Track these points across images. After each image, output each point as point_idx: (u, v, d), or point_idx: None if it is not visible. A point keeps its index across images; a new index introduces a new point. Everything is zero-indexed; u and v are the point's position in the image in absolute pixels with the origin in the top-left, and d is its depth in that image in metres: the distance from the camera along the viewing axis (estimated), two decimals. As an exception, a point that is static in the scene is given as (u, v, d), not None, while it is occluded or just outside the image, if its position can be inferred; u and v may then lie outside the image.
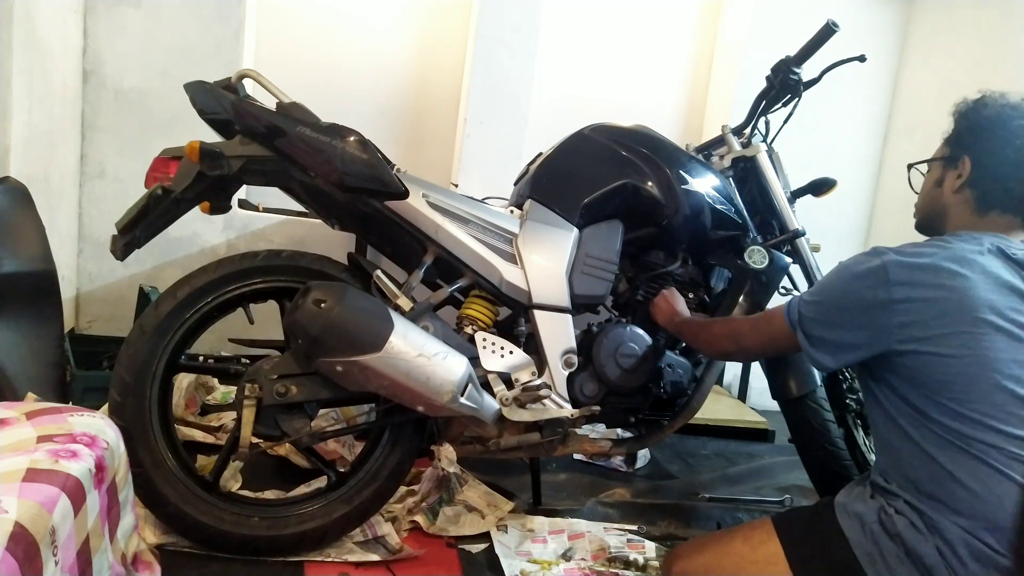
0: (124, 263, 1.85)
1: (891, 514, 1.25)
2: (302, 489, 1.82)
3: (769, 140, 2.11)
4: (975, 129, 1.38)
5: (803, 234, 2.00)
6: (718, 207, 1.86)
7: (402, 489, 1.84)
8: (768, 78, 2.04)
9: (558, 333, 1.75)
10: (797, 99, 2.04)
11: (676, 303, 1.82)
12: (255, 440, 1.57)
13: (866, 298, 1.28)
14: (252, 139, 1.59)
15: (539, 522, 1.88)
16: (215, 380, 2.29)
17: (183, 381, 2.12)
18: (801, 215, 2.02)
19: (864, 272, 1.29)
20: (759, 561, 1.35)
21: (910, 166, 1.58)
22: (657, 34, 3.13)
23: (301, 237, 2.65)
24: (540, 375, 1.73)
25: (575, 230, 1.80)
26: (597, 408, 1.76)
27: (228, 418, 2.10)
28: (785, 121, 2.09)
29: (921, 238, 1.44)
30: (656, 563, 1.75)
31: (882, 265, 1.27)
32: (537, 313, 1.74)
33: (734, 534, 1.43)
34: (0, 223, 1.74)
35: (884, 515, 1.25)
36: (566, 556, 1.77)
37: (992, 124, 1.36)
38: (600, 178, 1.81)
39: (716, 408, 2.92)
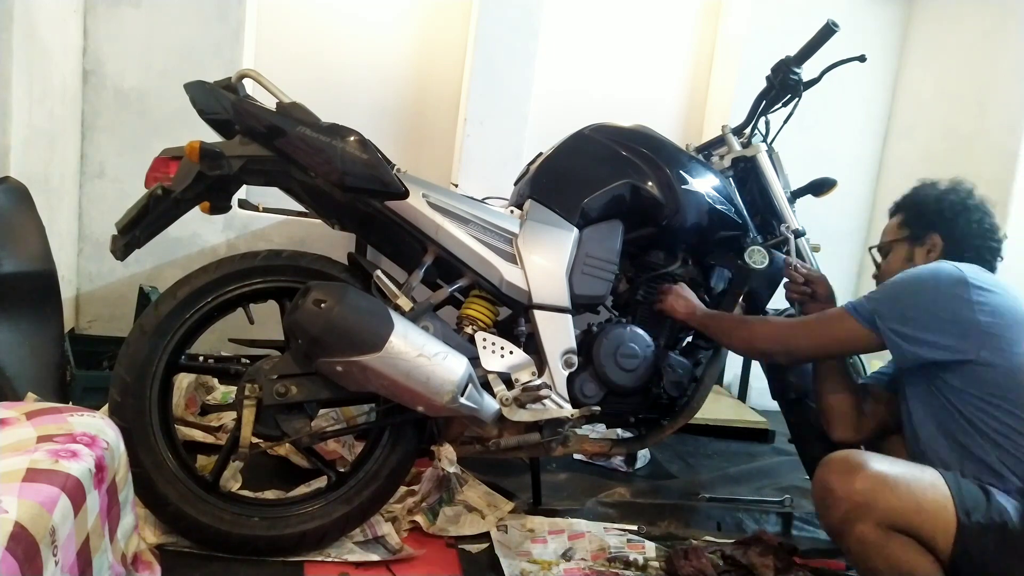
0: (124, 263, 1.85)
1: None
2: (302, 489, 1.82)
3: (769, 140, 2.11)
4: (939, 210, 1.62)
5: (803, 234, 2.00)
6: (718, 207, 1.86)
7: (402, 489, 1.84)
8: (768, 78, 2.04)
9: (558, 333, 1.75)
10: (797, 99, 2.04)
11: (691, 296, 1.85)
12: (255, 440, 1.57)
13: (945, 294, 1.43)
14: (252, 139, 1.59)
15: (539, 522, 1.88)
16: (215, 380, 2.28)
17: (183, 381, 2.12)
18: (801, 215, 2.02)
19: (943, 274, 1.45)
20: (933, 491, 1.34)
21: (871, 249, 1.80)
22: (657, 33, 3.13)
23: (301, 237, 2.65)
24: (540, 375, 1.73)
25: (575, 230, 1.80)
26: (597, 408, 1.76)
27: (228, 418, 2.10)
28: (785, 121, 2.09)
29: None
30: (656, 563, 1.75)
31: (957, 268, 1.45)
32: (537, 313, 1.74)
33: (905, 463, 1.40)
34: (0, 223, 1.74)
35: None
36: (566, 556, 1.77)
37: (953, 205, 1.61)
38: (600, 178, 1.81)
39: (716, 408, 2.92)
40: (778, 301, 2.00)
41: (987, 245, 1.59)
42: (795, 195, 2.11)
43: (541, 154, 1.96)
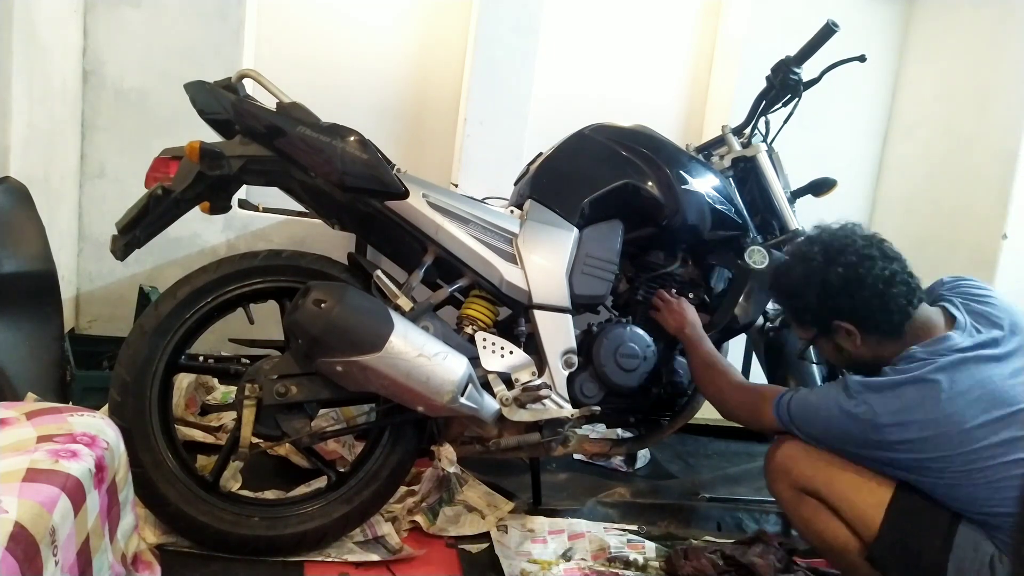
0: (124, 263, 1.84)
1: (1004, 560, 1.32)
2: (302, 489, 1.82)
3: (769, 140, 2.11)
4: (826, 296, 1.47)
5: (803, 234, 2.00)
6: (718, 207, 1.86)
7: (402, 489, 1.84)
8: (768, 78, 2.04)
9: (558, 333, 1.75)
10: (797, 99, 2.04)
11: (688, 313, 1.83)
12: (255, 440, 1.57)
13: (857, 440, 1.40)
14: (252, 139, 1.59)
15: (539, 522, 1.88)
16: (215, 380, 2.28)
17: (183, 381, 2.11)
18: (801, 215, 2.02)
19: (852, 419, 1.39)
20: (870, 481, 1.42)
21: (805, 348, 1.71)
22: (657, 33, 3.13)
23: (301, 237, 2.64)
24: (540, 375, 1.73)
25: (575, 230, 1.80)
26: (597, 408, 1.76)
27: (228, 418, 2.10)
28: (785, 121, 2.09)
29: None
30: (656, 563, 1.75)
31: (871, 410, 1.37)
32: (537, 313, 1.74)
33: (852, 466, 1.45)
34: (0, 223, 1.74)
35: (997, 558, 1.32)
36: (566, 556, 1.77)
37: (834, 288, 1.45)
38: (600, 178, 1.81)
39: (716, 408, 2.91)
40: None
41: (894, 304, 1.42)
42: (795, 195, 2.11)
43: (541, 154, 1.96)
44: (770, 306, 2.02)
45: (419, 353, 1.51)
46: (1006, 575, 1.30)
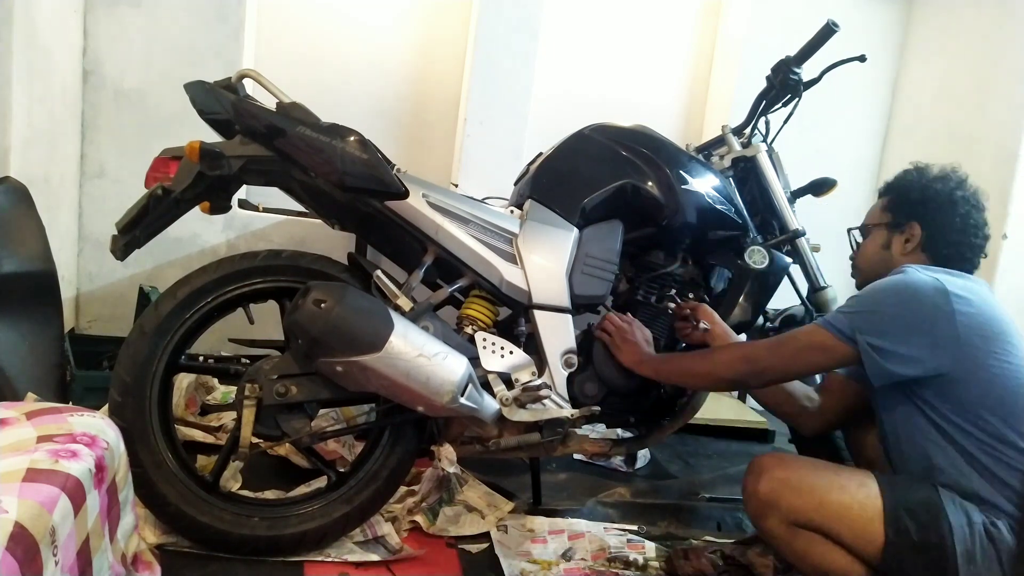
0: (124, 263, 1.84)
1: (998, 524, 1.31)
2: (302, 489, 1.82)
3: (769, 140, 2.11)
4: (923, 200, 1.59)
5: (803, 234, 2.00)
6: (718, 207, 1.86)
7: (402, 489, 1.84)
8: (768, 78, 2.04)
9: (558, 333, 1.75)
10: (797, 99, 2.04)
11: (642, 343, 1.73)
12: (255, 440, 1.57)
13: (926, 306, 1.38)
14: (252, 139, 1.59)
15: (539, 522, 1.88)
16: (215, 380, 2.29)
17: (183, 381, 2.11)
18: (801, 215, 2.02)
19: (921, 284, 1.40)
20: (856, 495, 1.38)
21: (850, 230, 1.79)
22: (657, 33, 3.13)
23: (301, 237, 2.65)
24: (540, 375, 1.72)
25: (575, 230, 1.80)
26: (597, 408, 1.76)
27: (228, 418, 2.10)
28: (785, 121, 2.09)
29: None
30: (656, 563, 1.75)
31: (935, 278, 1.41)
32: (537, 313, 1.74)
33: (831, 467, 1.46)
34: (0, 223, 1.74)
35: (990, 524, 1.31)
36: (566, 556, 1.77)
37: (938, 195, 1.57)
38: (600, 178, 1.81)
39: (716, 408, 2.92)
40: (778, 301, 1.99)
41: (968, 242, 1.55)
42: (795, 195, 2.11)
43: (541, 154, 1.96)
44: (770, 307, 2.02)
45: (419, 353, 1.51)
46: (1005, 542, 1.29)
